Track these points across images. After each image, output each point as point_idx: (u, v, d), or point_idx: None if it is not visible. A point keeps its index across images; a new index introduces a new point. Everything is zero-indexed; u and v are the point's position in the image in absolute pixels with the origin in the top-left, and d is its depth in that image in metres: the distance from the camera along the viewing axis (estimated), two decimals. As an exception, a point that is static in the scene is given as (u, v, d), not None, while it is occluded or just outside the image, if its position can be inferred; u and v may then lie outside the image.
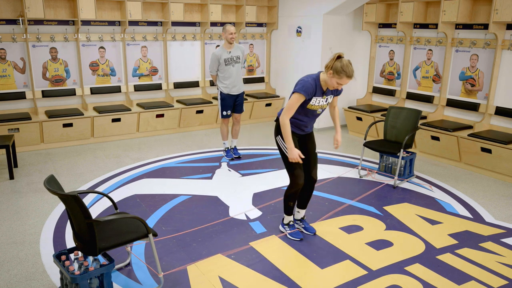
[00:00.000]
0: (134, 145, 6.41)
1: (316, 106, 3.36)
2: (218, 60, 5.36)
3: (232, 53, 5.40)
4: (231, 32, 5.29)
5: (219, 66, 5.40)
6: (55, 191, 2.52)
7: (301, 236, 3.69)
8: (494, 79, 5.61)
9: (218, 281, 3.09)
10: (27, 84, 6.32)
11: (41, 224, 3.90)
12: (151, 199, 4.48)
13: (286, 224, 3.77)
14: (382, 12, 6.95)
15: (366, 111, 6.85)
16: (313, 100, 3.30)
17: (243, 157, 5.86)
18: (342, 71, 3.11)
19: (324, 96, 3.34)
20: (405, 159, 5.01)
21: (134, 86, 7.12)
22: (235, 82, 5.47)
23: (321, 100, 3.35)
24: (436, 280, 3.13)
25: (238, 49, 5.47)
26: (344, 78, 3.14)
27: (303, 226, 3.80)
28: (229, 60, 5.38)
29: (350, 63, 3.16)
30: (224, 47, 5.40)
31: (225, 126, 5.71)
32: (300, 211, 3.79)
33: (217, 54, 5.35)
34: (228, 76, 5.42)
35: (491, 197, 4.71)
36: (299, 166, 3.43)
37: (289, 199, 3.59)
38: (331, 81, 3.20)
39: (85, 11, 6.20)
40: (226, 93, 5.47)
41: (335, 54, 3.18)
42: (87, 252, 2.66)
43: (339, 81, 3.17)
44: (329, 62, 3.18)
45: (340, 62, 3.12)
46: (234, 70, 5.42)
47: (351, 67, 3.15)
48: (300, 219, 3.83)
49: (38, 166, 5.44)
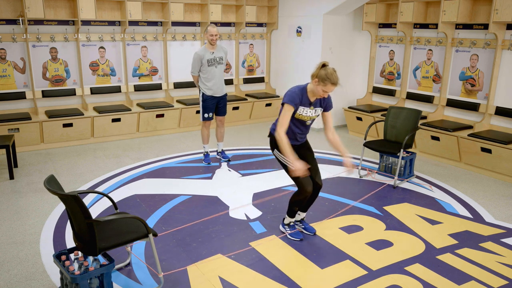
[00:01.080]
0: (134, 145, 6.41)
1: (305, 117, 3.41)
2: (201, 60, 5.22)
3: (215, 54, 5.27)
4: (211, 33, 5.15)
5: (201, 67, 5.27)
6: (55, 191, 2.52)
7: (301, 236, 3.70)
8: (494, 79, 5.61)
9: (218, 281, 3.09)
10: (27, 84, 6.32)
11: (41, 224, 3.90)
12: (151, 199, 4.48)
13: (287, 225, 3.80)
14: (382, 12, 6.95)
15: (366, 111, 6.85)
16: (300, 109, 3.36)
17: (243, 157, 5.86)
18: (327, 79, 3.19)
19: (312, 107, 3.40)
20: (405, 159, 5.01)
21: (134, 86, 7.12)
22: (219, 84, 5.35)
23: (309, 111, 3.40)
24: (436, 280, 3.14)
25: (221, 50, 5.34)
26: (329, 85, 3.21)
27: (303, 226, 3.83)
28: (212, 61, 5.26)
29: (335, 71, 3.23)
30: (207, 47, 5.27)
31: (206, 129, 5.57)
32: (301, 213, 3.82)
33: (199, 54, 5.22)
34: (211, 78, 5.29)
35: (491, 197, 4.71)
36: None
37: (295, 205, 3.62)
38: (317, 89, 3.27)
39: (85, 11, 6.20)
40: (209, 95, 5.34)
41: (320, 63, 3.27)
42: (87, 252, 2.67)
43: (324, 88, 3.24)
44: (315, 71, 3.26)
45: (324, 70, 3.20)
46: (217, 71, 5.30)
47: (336, 75, 3.22)
48: (300, 220, 3.85)
49: (38, 166, 5.44)
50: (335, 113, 7.65)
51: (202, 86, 5.37)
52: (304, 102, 3.34)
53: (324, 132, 3.59)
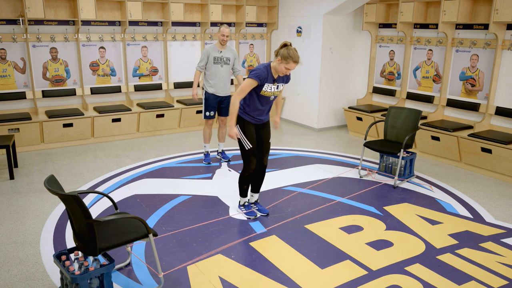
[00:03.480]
0: (134, 145, 6.41)
1: (268, 93, 3.71)
2: (208, 56, 5.26)
3: (223, 54, 5.29)
4: (223, 34, 5.19)
5: (207, 64, 5.30)
6: (55, 191, 2.52)
7: (255, 214, 4.09)
8: (494, 79, 5.61)
9: (218, 281, 3.09)
10: (27, 84, 6.32)
11: (41, 224, 3.90)
12: (151, 199, 4.48)
13: (242, 205, 4.17)
14: (382, 12, 6.95)
15: (366, 111, 6.85)
16: (266, 86, 3.65)
17: (243, 157, 5.85)
18: (289, 57, 3.48)
19: (275, 83, 3.71)
20: (405, 159, 5.01)
21: (134, 86, 7.12)
22: (222, 83, 5.35)
23: (273, 87, 3.71)
24: (436, 280, 3.13)
25: (230, 51, 5.36)
26: (291, 63, 3.50)
27: (257, 208, 4.17)
28: (218, 59, 5.27)
29: (296, 50, 3.53)
30: (217, 45, 5.31)
31: (208, 128, 5.59)
32: (254, 195, 4.15)
33: (208, 49, 5.27)
34: (214, 75, 5.30)
35: (491, 197, 4.71)
36: (252, 153, 3.83)
37: (243, 183, 4.02)
38: (280, 67, 3.55)
39: (85, 11, 6.20)
40: (211, 92, 5.35)
41: (282, 43, 3.57)
42: (87, 252, 2.66)
43: (286, 66, 3.52)
44: (277, 50, 3.56)
45: (287, 49, 3.49)
46: (222, 70, 5.31)
47: (297, 54, 3.53)
48: (254, 202, 4.18)
49: (38, 166, 5.44)
50: (335, 113, 7.66)
51: (205, 83, 5.40)
52: (269, 79, 3.64)
53: None
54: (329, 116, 7.61)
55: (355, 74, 7.70)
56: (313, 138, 7.08)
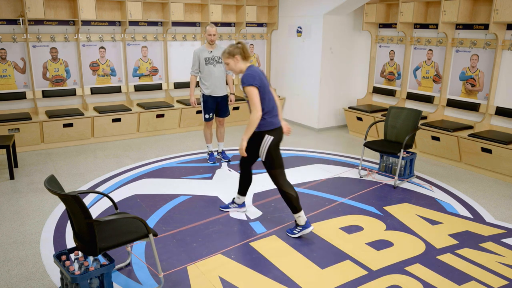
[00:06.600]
0: (134, 145, 6.41)
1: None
2: (198, 58, 5.26)
3: (213, 53, 5.28)
4: (210, 33, 5.19)
5: (200, 66, 5.29)
6: (55, 191, 2.52)
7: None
8: (495, 79, 5.61)
9: (218, 281, 3.09)
10: (28, 84, 6.32)
11: (41, 224, 3.90)
12: (151, 199, 4.48)
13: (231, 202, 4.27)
14: (382, 12, 6.95)
15: (366, 111, 6.85)
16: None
17: (243, 157, 5.86)
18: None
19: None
20: (405, 159, 5.01)
21: (134, 86, 7.12)
22: (217, 83, 5.33)
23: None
24: (436, 280, 3.13)
25: (220, 50, 5.32)
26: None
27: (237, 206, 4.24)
28: (209, 60, 5.27)
29: None
30: (206, 46, 5.31)
31: (208, 129, 5.61)
32: (240, 197, 4.15)
33: (197, 52, 5.26)
34: (208, 77, 5.28)
35: (491, 197, 4.71)
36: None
37: None
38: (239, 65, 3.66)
39: (86, 11, 6.20)
40: (207, 94, 5.34)
41: (236, 42, 3.70)
42: (87, 252, 2.66)
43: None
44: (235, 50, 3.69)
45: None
46: (215, 70, 5.29)
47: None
48: (240, 204, 4.22)
49: (38, 166, 5.44)
50: (335, 113, 7.65)
51: (202, 86, 5.39)
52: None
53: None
54: (329, 116, 7.61)
55: (355, 74, 7.70)
56: (313, 138, 7.08)
